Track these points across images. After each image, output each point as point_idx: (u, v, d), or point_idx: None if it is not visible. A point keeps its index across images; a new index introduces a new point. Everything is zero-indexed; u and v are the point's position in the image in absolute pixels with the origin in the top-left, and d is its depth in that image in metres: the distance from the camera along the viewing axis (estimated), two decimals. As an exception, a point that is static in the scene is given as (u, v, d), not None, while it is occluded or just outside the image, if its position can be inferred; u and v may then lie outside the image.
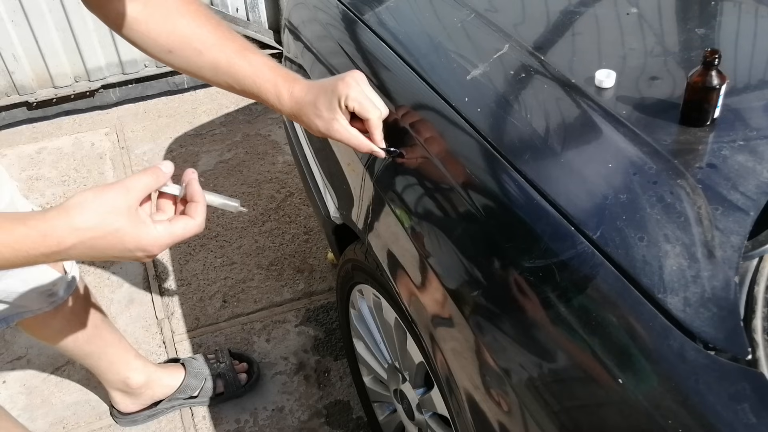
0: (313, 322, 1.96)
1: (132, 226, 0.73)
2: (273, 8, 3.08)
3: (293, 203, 2.40)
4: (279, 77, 0.99)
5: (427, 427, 1.23)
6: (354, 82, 0.96)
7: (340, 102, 0.95)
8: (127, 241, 0.73)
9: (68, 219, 0.71)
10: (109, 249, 0.74)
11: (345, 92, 0.95)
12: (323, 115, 0.97)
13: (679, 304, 0.67)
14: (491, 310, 0.83)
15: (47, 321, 1.41)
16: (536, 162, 0.86)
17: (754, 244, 0.74)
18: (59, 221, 0.70)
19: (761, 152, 0.80)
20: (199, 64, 0.99)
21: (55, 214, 0.71)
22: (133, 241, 0.74)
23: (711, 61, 0.81)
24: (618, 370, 0.67)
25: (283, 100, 0.99)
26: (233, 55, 0.98)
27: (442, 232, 0.94)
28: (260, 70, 0.98)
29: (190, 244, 2.25)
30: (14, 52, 2.73)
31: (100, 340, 1.54)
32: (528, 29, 1.14)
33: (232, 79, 0.99)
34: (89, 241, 0.72)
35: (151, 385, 1.66)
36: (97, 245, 0.73)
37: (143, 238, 0.74)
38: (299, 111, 0.99)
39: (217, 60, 0.98)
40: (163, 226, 0.76)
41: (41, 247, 0.70)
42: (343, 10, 1.38)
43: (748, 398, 0.60)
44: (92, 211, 0.71)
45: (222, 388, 1.73)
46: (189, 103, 3.02)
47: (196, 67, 1.00)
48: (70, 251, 0.72)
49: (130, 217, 0.73)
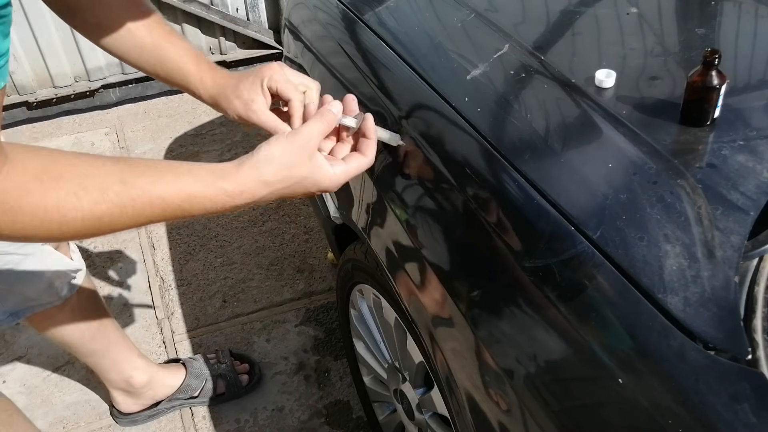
0: (313, 322, 1.96)
1: (314, 172, 0.83)
2: (273, 8, 3.08)
3: (293, 203, 2.40)
4: (203, 62, 1.01)
5: (427, 427, 1.23)
6: (279, 66, 0.98)
7: (263, 83, 0.96)
8: (309, 185, 0.84)
9: (259, 174, 0.79)
10: (294, 194, 0.84)
11: (268, 74, 0.96)
12: (243, 96, 0.98)
13: (679, 304, 0.67)
14: (491, 310, 0.83)
15: (55, 315, 1.42)
16: (536, 162, 0.86)
17: (754, 244, 0.74)
18: (251, 176, 0.79)
19: (761, 152, 0.80)
20: (126, 45, 1.01)
21: (247, 170, 0.79)
22: (314, 185, 0.84)
23: (711, 61, 0.81)
24: (618, 370, 0.67)
25: (205, 83, 1.00)
26: (160, 38, 1.00)
27: (442, 232, 0.94)
28: (185, 54, 1.01)
29: (190, 243, 2.25)
30: (14, 52, 2.73)
31: (104, 338, 1.54)
32: (528, 29, 1.14)
33: (156, 60, 1.01)
34: (278, 192, 0.82)
35: (152, 385, 1.66)
36: (284, 193, 0.83)
37: (323, 182, 0.84)
38: (220, 94, 1.00)
39: (143, 41, 1.00)
40: (340, 168, 0.86)
41: (237, 200, 0.79)
42: (343, 10, 1.38)
43: (748, 398, 0.60)
44: (279, 164, 0.80)
45: (223, 389, 1.73)
46: (189, 103, 3.02)
47: (124, 49, 1.01)
48: (260, 201, 0.81)
49: (312, 166, 0.83)
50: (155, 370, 1.67)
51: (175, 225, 2.33)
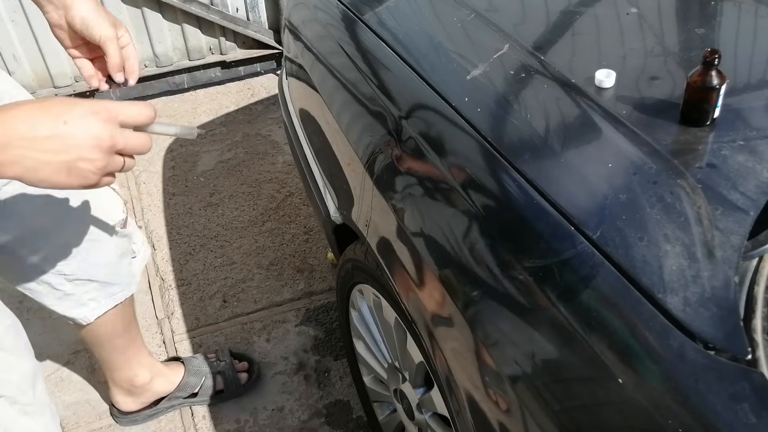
0: (313, 321, 1.96)
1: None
2: (273, 8, 3.08)
3: (293, 203, 2.40)
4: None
5: (427, 427, 1.23)
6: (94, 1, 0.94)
7: (67, 16, 0.94)
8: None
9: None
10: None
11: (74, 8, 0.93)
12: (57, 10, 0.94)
13: (679, 304, 0.67)
14: (491, 310, 0.83)
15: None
16: (536, 162, 0.86)
17: (754, 244, 0.74)
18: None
19: (761, 152, 0.80)
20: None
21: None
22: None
23: (711, 61, 0.81)
24: (618, 370, 0.67)
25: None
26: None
27: (441, 232, 0.94)
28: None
29: (190, 243, 2.25)
30: (14, 52, 2.73)
31: (129, 334, 1.54)
32: (528, 29, 1.14)
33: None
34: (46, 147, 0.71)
35: (153, 383, 1.66)
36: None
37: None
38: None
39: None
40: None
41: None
42: (343, 10, 1.39)
43: (748, 398, 0.60)
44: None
45: (222, 386, 1.73)
46: (189, 103, 3.02)
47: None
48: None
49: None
50: (157, 368, 1.67)
51: (176, 225, 2.33)
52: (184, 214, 2.37)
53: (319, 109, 1.38)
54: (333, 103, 1.29)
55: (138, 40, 2.90)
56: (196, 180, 2.53)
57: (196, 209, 2.39)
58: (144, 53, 2.95)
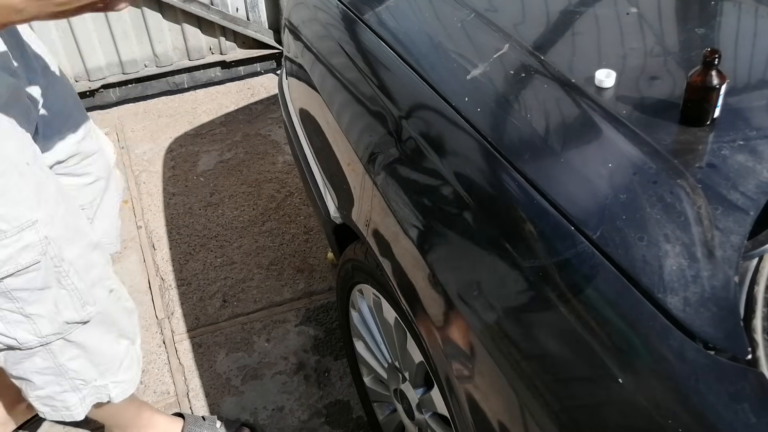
0: (313, 321, 1.96)
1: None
2: (273, 8, 3.08)
3: (293, 203, 2.40)
4: None
5: (427, 426, 1.23)
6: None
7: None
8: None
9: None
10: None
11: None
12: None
13: (679, 304, 0.67)
14: (491, 310, 0.83)
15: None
16: (536, 162, 0.86)
17: (754, 243, 0.74)
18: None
19: (761, 152, 0.80)
20: None
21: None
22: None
23: (711, 60, 0.81)
24: (618, 370, 0.67)
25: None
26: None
27: (441, 232, 0.94)
28: None
29: (190, 243, 2.25)
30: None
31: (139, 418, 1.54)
32: (528, 29, 1.14)
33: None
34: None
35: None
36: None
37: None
38: None
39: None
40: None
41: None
42: (343, 10, 1.39)
43: (748, 398, 0.60)
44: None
45: None
46: (189, 103, 3.02)
47: None
48: None
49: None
50: (157, 420, 1.60)
51: (176, 225, 2.33)
52: (184, 214, 2.37)
53: (319, 108, 1.38)
54: (333, 102, 1.29)
55: (138, 40, 2.91)
56: (196, 180, 2.53)
57: (196, 209, 2.39)
58: (144, 53, 2.96)
